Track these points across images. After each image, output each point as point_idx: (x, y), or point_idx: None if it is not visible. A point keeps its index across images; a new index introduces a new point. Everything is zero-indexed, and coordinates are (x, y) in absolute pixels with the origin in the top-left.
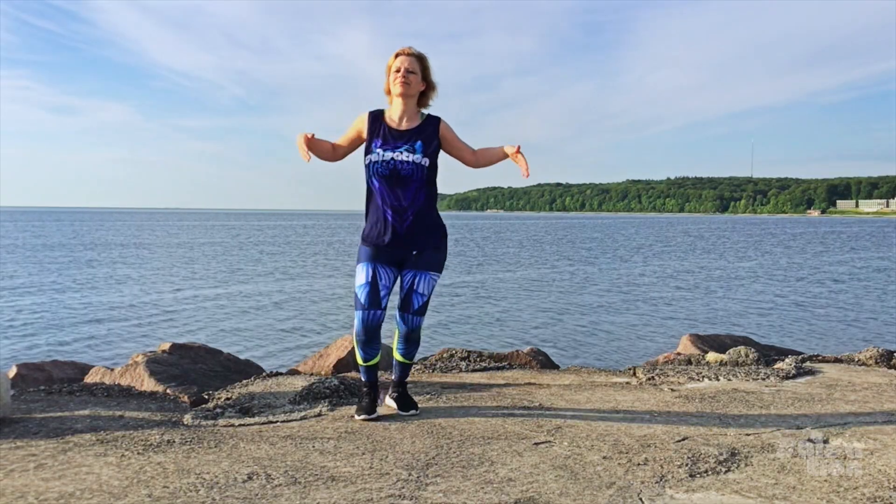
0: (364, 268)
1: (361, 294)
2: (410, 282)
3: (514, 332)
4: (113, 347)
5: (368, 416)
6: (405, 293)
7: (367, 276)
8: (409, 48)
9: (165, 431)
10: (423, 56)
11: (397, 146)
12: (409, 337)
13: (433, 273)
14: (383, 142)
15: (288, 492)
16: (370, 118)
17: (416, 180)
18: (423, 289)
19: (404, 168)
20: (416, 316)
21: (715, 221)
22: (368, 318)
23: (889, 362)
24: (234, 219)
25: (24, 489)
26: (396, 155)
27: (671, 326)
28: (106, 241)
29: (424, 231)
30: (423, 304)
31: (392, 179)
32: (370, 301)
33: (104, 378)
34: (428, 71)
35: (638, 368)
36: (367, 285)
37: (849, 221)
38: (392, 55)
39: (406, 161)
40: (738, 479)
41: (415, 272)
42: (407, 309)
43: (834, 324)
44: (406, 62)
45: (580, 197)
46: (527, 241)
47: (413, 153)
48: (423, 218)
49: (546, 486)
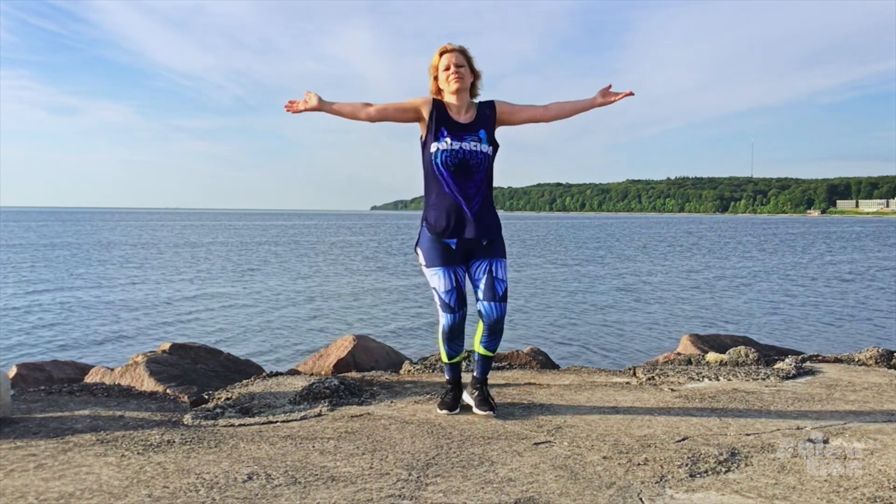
0: (443, 274)
1: (449, 299)
2: (488, 269)
3: (514, 331)
4: (113, 347)
5: (451, 411)
6: (486, 282)
7: (451, 282)
8: (450, 44)
9: (165, 431)
10: (465, 48)
11: (464, 137)
12: (496, 327)
13: (504, 259)
14: (450, 131)
15: (288, 492)
16: (435, 103)
17: (483, 169)
18: (503, 274)
19: (473, 158)
20: (502, 303)
21: (715, 221)
22: (457, 319)
23: (889, 362)
24: (234, 219)
25: (24, 489)
26: (465, 145)
27: (671, 326)
28: (106, 241)
29: (490, 219)
30: (506, 289)
31: (460, 168)
32: (459, 303)
33: (104, 378)
34: (472, 60)
35: (638, 368)
36: (453, 290)
37: (849, 221)
38: (435, 54)
39: (474, 151)
40: (738, 479)
41: (490, 260)
42: (493, 297)
43: (834, 324)
44: (453, 58)
45: (580, 197)
46: (526, 241)
47: (479, 143)
48: (488, 206)
49: (546, 486)
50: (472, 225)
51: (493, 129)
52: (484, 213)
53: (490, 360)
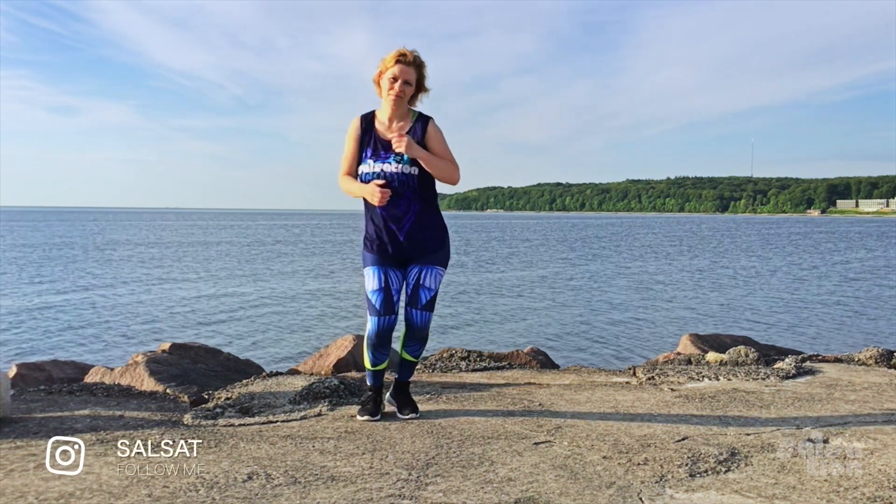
0: (374, 272)
1: (376, 300)
2: (416, 276)
3: (514, 331)
4: (113, 347)
5: (372, 417)
6: (412, 288)
7: (379, 282)
8: (410, 54)
9: (165, 431)
10: (422, 64)
11: (387, 157)
12: (418, 335)
13: (439, 268)
14: (373, 151)
15: (288, 492)
16: (362, 124)
17: (409, 189)
18: (430, 283)
19: (394, 179)
20: (425, 311)
21: (715, 221)
22: (383, 324)
23: (889, 362)
24: (234, 219)
25: (24, 489)
26: (386, 166)
27: (671, 326)
28: (106, 241)
29: (424, 236)
30: (431, 298)
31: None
32: (385, 307)
33: (104, 378)
34: (424, 79)
35: (638, 368)
36: (380, 291)
37: (849, 221)
38: (392, 53)
39: (395, 172)
40: (738, 479)
41: (420, 267)
42: (415, 304)
43: (834, 324)
44: (404, 73)
45: (580, 197)
46: (527, 241)
47: (401, 163)
48: (421, 223)
49: (546, 486)
50: (402, 245)
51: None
52: (417, 230)
53: (413, 365)
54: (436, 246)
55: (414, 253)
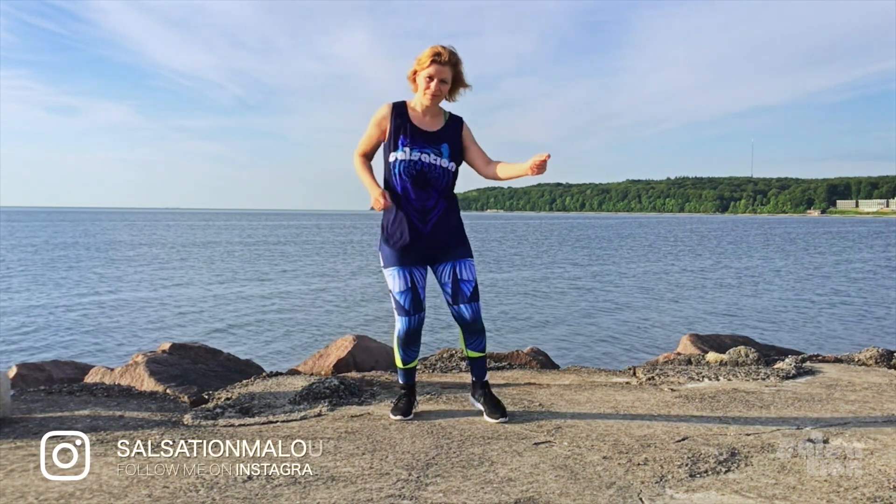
0: (399, 273)
1: (404, 300)
2: (452, 272)
3: (514, 332)
4: (113, 347)
5: (405, 417)
6: (452, 286)
7: (406, 282)
8: (446, 52)
9: (165, 431)
10: (459, 61)
11: (425, 148)
12: (474, 327)
13: (469, 259)
14: (411, 140)
15: (288, 492)
16: (394, 112)
17: (442, 184)
18: (468, 275)
19: (432, 171)
20: (473, 303)
21: (715, 221)
22: (414, 323)
23: (889, 362)
24: (234, 219)
25: (24, 489)
26: (424, 157)
27: (671, 326)
28: (105, 241)
29: (446, 233)
30: (474, 289)
31: (417, 180)
32: (414, 306)
33: (104, 378)
34: (461, 75)
35: (638, 368)
36: (408, 291)
37: (849, 221)
38: (427, 52)
39: (434, 164)
40: (738, 479)
41: (452, 262)
42: (461, 300)
43: (834, 324)
44: (441, 73)
45: (580, 197)
46: (526, 241)
47: (440, 157)
48: (446, 221)
49: (546, 486)
50: (426, 240)
51: (459, 147)
52: (440, 227)
53: (484, 360)
54: (458, 241)
55: (435, 249)
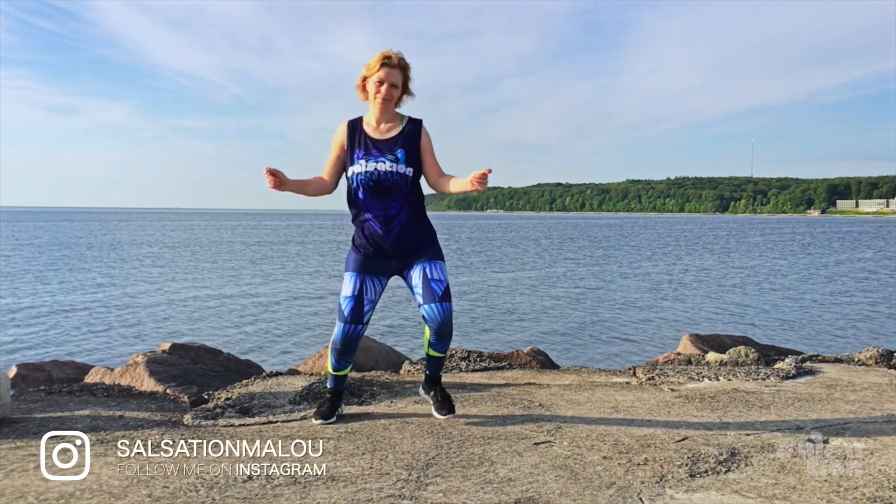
0: (351, 279)
1: (346, 307)
2: (422, 272)
3: (514, 331)
4: (113, 347)
5: (325, 420)
6: (422, 286)
7: (353, 289)
8: (395, 56)
9: (165, 431)
10: (408, 66)
11: (379, 156)
12: (444, 329)
13: (438, 261)
14: (365, 151)
15: (288, 492)
16: (349, 127)
17: (401, 189)
18: (438, 275)
19: (388, 178)
20: (445, 303)
21: (715, 221)
22: (349, 333)
23: (889, 362)
24: (234, 219)
25: (24, 489)
26: (379, 165)
27: (671, 326)
28: (105, 241)
29: (413, 239)
30: (446, 288)
31: (376, 190)
32: (353, 316)
33: (104, 378)
34: (409, 81)
35: (638, 368)
36: (351, 299)
37: (849, 221)
38: (376, 57)
39: (390, 171)
40: (738, 479)
41: (422, 264)
42: (432, 299)
43: (834, 324)
44: (390, 76)
45: (580, 197)
46: (526, 241)
47: (396, 163)
48: (410, 227)
49: (546, 486)
50: (390, 249)
51: (416, 150)
52: (404, 235)
53: (443, 360)
54: (425, 247)
55: (401, 258)
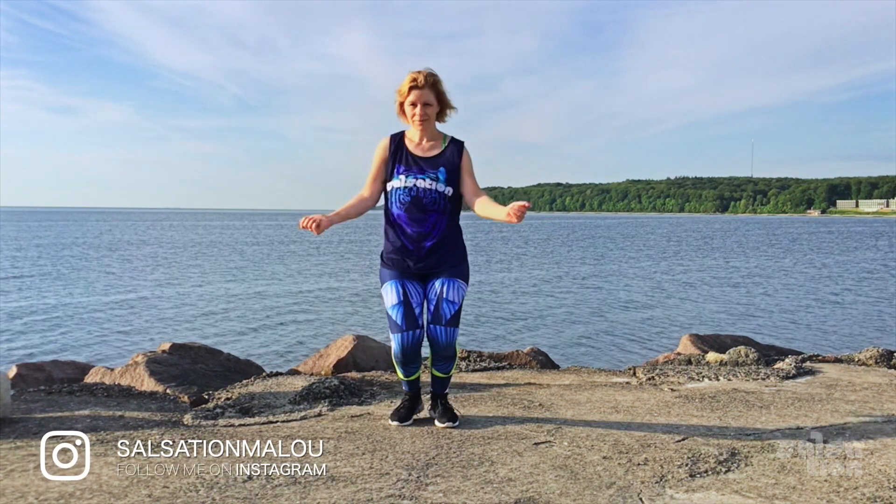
0: (393, 286)
1: (396, 315)
2: (439, 290)
3: (514, 332)
4: (113, 347)
5: (402, 423)
6: (434, 304)
7: (398, 295)
8: (422, 76)
9: (165, 431)
10: (438, 80)
11: (420, 174)
12: (444, 353)
13: (460, 281)
14: (406, 167)
15: (288, 492)
16: (391, 142)
17: (438, 209)
18: (453, 296)
19: (427, 196)
20: (450, 327)
21: (715, 221)
22: (408, 340)
23: (889, 362)
24: (234, 219)
25: (24, 489)
26: (419, 182)
27: (671, 326)
28: (105, 241)
29: (443, 255)
30: (456, 313)
31: (413, 207)
32: (407, 322)
33: (104, 378)
34: (443, 95)
35: (638, 368)
36: (399, 305)
37: (849, 221)
38: (405, 81)
39: (429, 189)
40: (738, 479)
41: (442, 280)
42: (439, 321)
43: (834, 324)
44: (422, 97)
45: (580, 197)
46: (526, 241)
47: (436, 181)
48: (442, 246)
49: (546, 486)
50: (421, 262)
51: (457, 170)
52: (438, 249)
53: (447, 380)
54: (455, 261)
55: (433, 268)
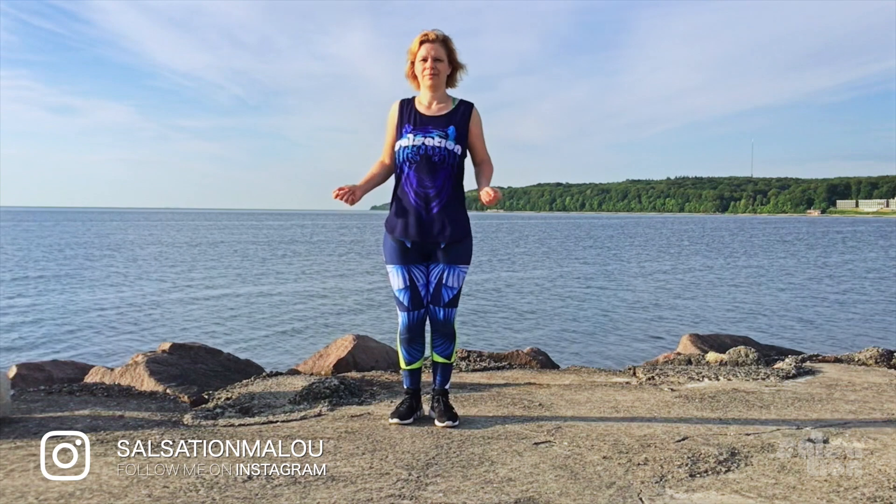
0: (398, 272)
1: (403, 297)
2: (439, 277)
3: (514, 331)
4: (113, 347)
5: (402, 421)
6: (434, 288)
7: (404, 281)
8: (433, 33)
9: (165, 431)
10: (448, 38)
11: (428, 131)
12: (443, 330)
13: (462, 266)
14: (414, 126)
15: (288, 492)
16: (401, 105)
17: (447, 167)
18: (453, 282)
19: (436, 154)
20: (448, 308)
21: (715, 221)
22: (413, 318)
23: (889, 362)
24: (234, 219)
25: (24, 489)
26: (427, 140)
27: (671, 326)
28: (105, 241)
29: (450, 222)
30: (454, 296)
31: (422, 166)
32: (413, 302)
33: (104, 378)
34: (454, 53)
35: (638, 368)
36: (406, 290)
37: (849, 221)
38: (415, 39)
39: (437, 146)
40: (738, 479)
41: (443, 266)
42: (437, 302)
43: (834, 324)
44: (432, 50)
45: (580, 197)
46: (526, 241)
47: (445, 139)
48: (449, 208)
49: (546, 486)
50: (428, 226)
51: (466, 129)
52: (445, 214)
53: (448, 368)
54: (460, 234)
55: (438, 238)
